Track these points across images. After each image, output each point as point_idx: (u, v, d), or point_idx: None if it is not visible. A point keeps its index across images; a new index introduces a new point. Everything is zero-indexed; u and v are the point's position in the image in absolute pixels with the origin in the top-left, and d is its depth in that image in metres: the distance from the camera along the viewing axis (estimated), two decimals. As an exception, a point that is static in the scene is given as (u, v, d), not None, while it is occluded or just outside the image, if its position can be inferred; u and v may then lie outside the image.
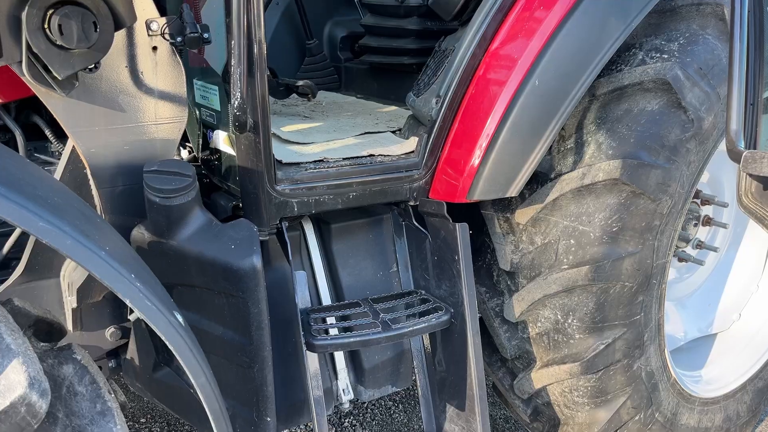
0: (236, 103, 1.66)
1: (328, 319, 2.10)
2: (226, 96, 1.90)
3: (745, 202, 1.44)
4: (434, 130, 2.13)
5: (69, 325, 2.02)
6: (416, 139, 2.20)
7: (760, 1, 1.82)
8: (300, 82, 2.62)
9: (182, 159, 2.30)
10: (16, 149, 1.97)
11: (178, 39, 1.76)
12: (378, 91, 3.11)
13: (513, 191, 2.08)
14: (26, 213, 1.06)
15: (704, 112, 2.13)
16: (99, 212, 1.88)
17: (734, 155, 1.40)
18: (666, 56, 2.12)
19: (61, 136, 1.93)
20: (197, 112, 2.16)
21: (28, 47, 1.56)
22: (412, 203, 2.19)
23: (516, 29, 2.05)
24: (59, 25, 1.53)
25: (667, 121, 2.10)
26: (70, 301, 1.96)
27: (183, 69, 1.85)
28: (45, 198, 1.15)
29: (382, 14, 2.94)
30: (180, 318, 1.31)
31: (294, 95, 2.79)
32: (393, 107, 2.87)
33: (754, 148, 1.38)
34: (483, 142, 2.04)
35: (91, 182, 1.85)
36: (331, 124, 2.54)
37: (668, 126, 2.10)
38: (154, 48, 1.80)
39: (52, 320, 1.41)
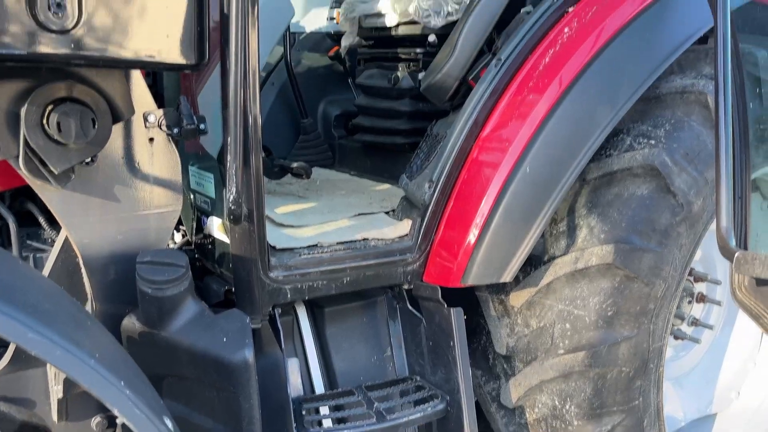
0: (231, 196, 1.68)
1: (321, 408, 2.05)
2: (221, 184, 1.92)
3: (740, 297, 1.44)
4: (427, 214, 2.15)
5: (54, 416, 1.96)
6: (410, 221, 2.21)
7: (743, 93, 1.88)
8: (294, 164, 2.65)
9: (176, 242, 2.30)
10: (9, 236, 1.96)
11: (175, 130, 1.79)
12: (372, 169, 3.15)
13: (507, 277, 2.08)
14: (17, 325, 1.05)
15: (693, 197, 2.16)
16: (90, 301, 1.86)
17: (726, 253, 1.42)
18: (653, 142, 2.16)
19: (55, 223, 1.93)
20: (192, 197, 2.17)
21: (26, 143, 1.58)
22: (406, 287, 2.18)
23: (506, 117, 2.10)
24: (58, 123, 1.55)
25: (657, 205, 2.13)
26: (56, 391, 1.91)
27: (179, 158, 1.86)
28: (35, 305, 1.14)
29: (375, 95, 3.01)
30: (170, 424, 1.27)
31: (289, 175, 2.81)
32: (386, 185, 2.89)
33: (745, 248, 1.40)
34: (476, 227, 2.06)
35: (83, 270, 1.84)
36: (325, 204, 2.56)
37: (658, 210, 2.13)
38: (151, 139, 1.82)
39: (38, 423, 1.37)
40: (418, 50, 2.84)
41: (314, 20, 3.45)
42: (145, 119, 1.80)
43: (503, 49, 2.18)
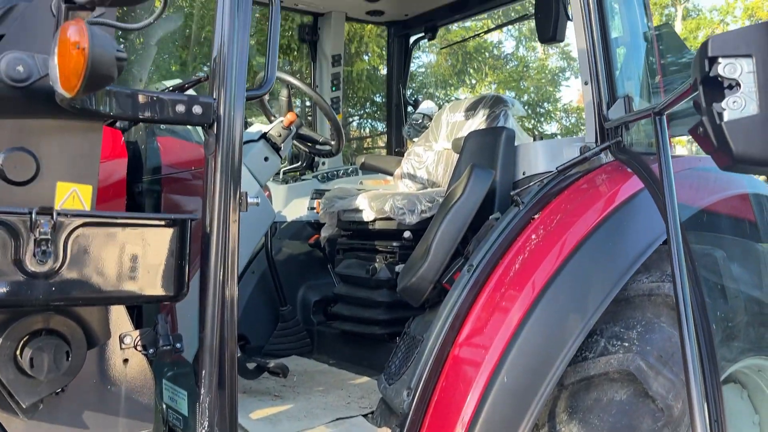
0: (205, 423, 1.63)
1: None
2: (195, 401, 1.87)
3: None
4: (407, 423, 2.10)
5: None
6: (389, 431, 2.16)
7: (703, 305, 1.95)
8: (271, 363, 2.62)
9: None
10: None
11: (151, 351, 1.78)
12: (350, 357, 3.13)
13: (491, 495, 1.99)
14: None
15: (672, 400, 2.15)
16: None
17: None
18: (627, 344, 2.19)
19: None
20: (164, 409, 2.11)
21: (-4, 377, 1.55)
22: (385, 505, 2.08)
23: (481, 324, 2.14)
24: (31, 358, 1.54)
25: (637, 411, 2.11)
26: None
27: (153, 379, 1.83)
28: None
29: (354, 285, 3.07)
30: None
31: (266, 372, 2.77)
32: (365, 378, 2.86)
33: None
34: (456, 441, 2.01)
35: (42, 504, 1.73)
36: (302, 406, 2.50)
37: (639, 416, 2.10)
38: (125, 360, 1.80)
39: None
40: (395, 244, 2.95)
41: (295, 210, 3.60)
42: (121, 341, 1.79)
43: (475, 255, 2.27)
